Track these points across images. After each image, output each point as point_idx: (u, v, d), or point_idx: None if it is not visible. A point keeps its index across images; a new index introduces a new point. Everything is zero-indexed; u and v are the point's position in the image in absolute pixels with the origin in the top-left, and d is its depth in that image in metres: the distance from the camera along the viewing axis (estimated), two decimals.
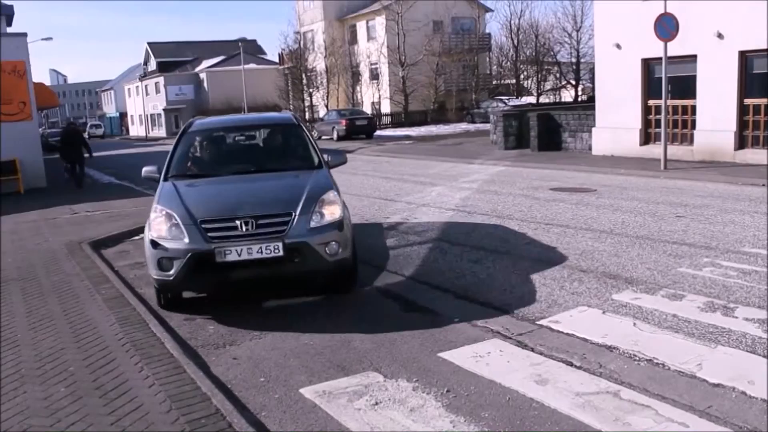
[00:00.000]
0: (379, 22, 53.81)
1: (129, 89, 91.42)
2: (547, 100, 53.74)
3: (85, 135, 26.40)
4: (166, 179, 7.65)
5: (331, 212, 6.83)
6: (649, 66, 19.71)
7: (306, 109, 56.19)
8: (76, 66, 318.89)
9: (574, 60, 53.88)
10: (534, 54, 56.54)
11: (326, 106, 53.44)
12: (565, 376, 4.96)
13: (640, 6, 18.91)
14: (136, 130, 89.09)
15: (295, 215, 6.61)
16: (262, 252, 6.42)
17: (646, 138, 20.18)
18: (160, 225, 6.68)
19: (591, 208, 12.06)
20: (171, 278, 6.54)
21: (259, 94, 60.54)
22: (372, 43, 54.79)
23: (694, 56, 18.21)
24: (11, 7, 25.03)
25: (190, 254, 6.38)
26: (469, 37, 55.29)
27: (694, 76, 18.41)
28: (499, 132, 25.93)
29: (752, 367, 4.97)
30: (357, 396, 4.81)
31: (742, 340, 5.49)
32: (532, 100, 52.71)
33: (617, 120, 20.70)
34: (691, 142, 18.86)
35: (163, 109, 76.02)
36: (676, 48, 17.24)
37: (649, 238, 9.33)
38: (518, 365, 5.21)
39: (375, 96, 54.36)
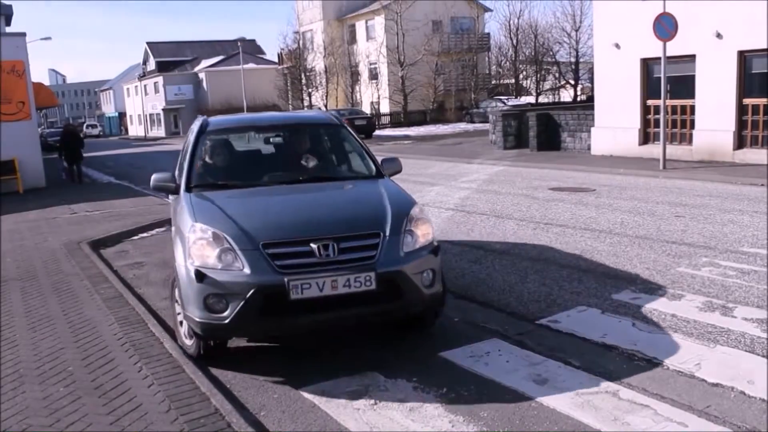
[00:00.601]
0: (378, 22, 53.85)
1: (128, 89, 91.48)
2: (546, 100, 53.83)
3: (82, 135, 27.24)
4: (189, 189, 6.16)
5: (424, 233, 5.51)
6: (648, 66, 19.71)
7: (305, 108, 56.20)
8: (75, 66, 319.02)
9: (573, 60, 53.96)
10: (533, 54, 56.62)
11: (325, 106, 53.46)
12: (565, 375, 4.96)
13: (639, 6, 18.91)
14: (135, 129, 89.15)
15: (384, 236, 5.22)
16: (350, 285, 4.92)
17: (645, 138, 20.19)
18: (206, 250, 5.09)
19: (590, 208, 12.06)
20: (225, 322, 4.93)
21: (258, 94, 60.58)
22: (371, 43, 54.81)
23: (693, 56, 18.22)
24: (10, 6, 25.03)
25: (254, 289, 4.83)
26: (468, 36, 55.35)
27: (693, 76, 18.42)
28: (498, 132, 25.93)
29: (751, 366, 4.97)
30: (356, 396, 4.81)
31: (741, 340, 5.49)
32: (531, 99, 52.75)
33: (616, 120, 20.71)
34: (690, 141, 18.87)
35: (162, 109, 76.10)
36: (675, 48, 17.26)
37: (648, 238, 9.33)
38: (517, 365, 5.22)
39: (374, 96, 54.39)
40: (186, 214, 5.58)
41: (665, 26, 16.69)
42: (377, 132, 42.21)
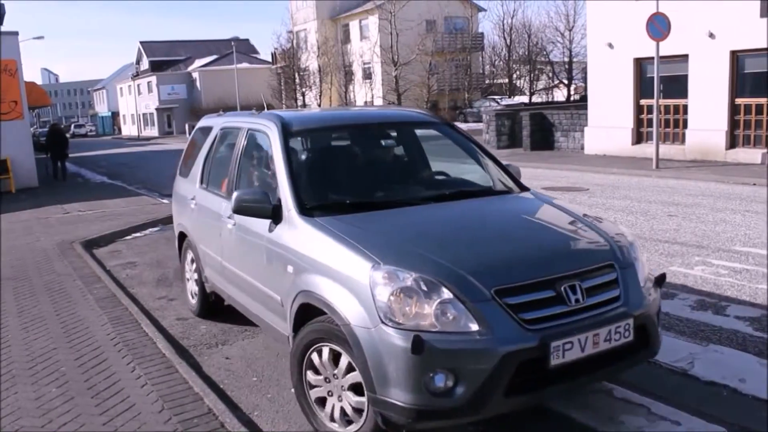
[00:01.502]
0: (372, 22, 53.87)
1: (121, 88, 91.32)
2: (539, 100, 53.93)
3: (69, 134, 28.57)
4: (307, 213, 4.48)
5: (644, 261, 4.39)
6: (641, 65, 19.78)
7: (299, 108, 56.17)
8: (68, 65, 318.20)
9: (566, 59, 54.09)
10: (527, 53, 56.71)
11: (319, 106, 53.44)
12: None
13: (633, 6, 18.97)
14: (128, 129, 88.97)
15: (618, 268, 4.06)
16: (610, 339, 3.78)
17: (638, 137, 20.25)
18: (417, 305, 3.58)
19: (583, 207, 11.99)
20: (455, 406, 3.52)
21: (252, 94, 60.44)
22: (365, 43, 54.82)
23: (686, 56, 18.28)
24: (2, 6, 24.87)
25: (502, 358, 3.47)
26: (461, 36, 55.42)
27: (686, 76, 18.49)
28: (491, 131, 25.97)
29: (743, 365, 5.00)
30: None
31: (733, 338, 5.51)
32: (524, 99, 52.87)
33: (609, 119, 20.77)
34: (683, 141, 18.94)
35: (156, 109, 75.98)
36: (668, 47, 17.32)
37: (641, 237, 9.35)
38: None
39: (368, 95, 54.39)
40: (342, 249, 3.97)
41: (658, 26, 16.76)
42: None
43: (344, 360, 3.90)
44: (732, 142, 17.80)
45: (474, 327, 3.52)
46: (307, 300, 4.12)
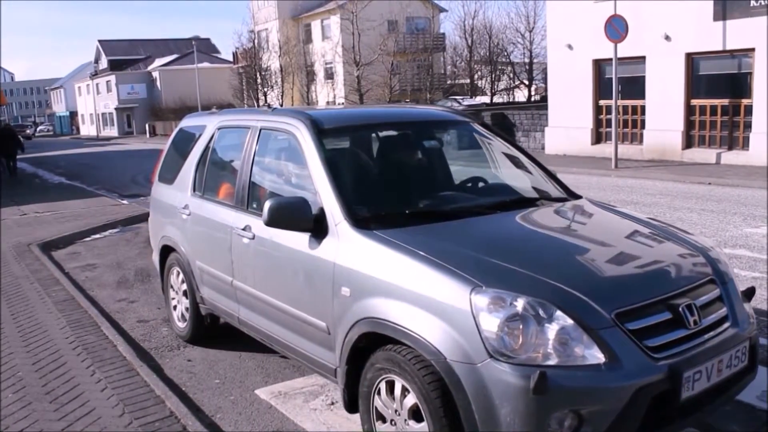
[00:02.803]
0: (334, 22, 53.81)
1: (80, 87, 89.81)
2: (501, 100, 54.46)
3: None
4: (362, 225, 3.82)
5: (735, 276, 3.89)
6: (600, 66, 20.10)
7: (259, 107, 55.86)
8: (25, 63, 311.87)
9: (527, 60, 54.72)
10: (488, 54, 57.17)
11: (281, 106, 53.19)
12: None
13: (591, 7, 19.27)
14: (87, 129, 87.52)
15: (719, 284, 3.63)
16: (731, 365, 3.39)
17: (598, 137, 20.58)
18: (535, 333, 3.01)
19: None
20: None
21: (213, 93, 59.99)
22: (327, 43, 54.74)
23: (643, 57, 18.64)
24: None
25: (635, 392, 2.98)
26: (423, 36, 55.61)
27: (644, 77, 18.85)
28: None
29: None
30: (313, 396, 4.80)
31: None
32: (486, 99, 53.32)
33: (569, 119, 21.06)
34: (641, 141, 19.30)
35: (115, 108, 74.97)
36: (625, 49, 17.64)
37: None
38: None
39: (330, 95, 54.33)
40: (424, 268, 3.34)
41: (616, 28, 17.05)
42: None
43: (410, 399, 3.35)
44: (688, 142, 18.19)
45: (601, 359, 2.98)
46: (374, 329, 3.49)
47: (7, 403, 4.76)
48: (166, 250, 6.22)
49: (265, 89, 55.89)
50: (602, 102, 20.20)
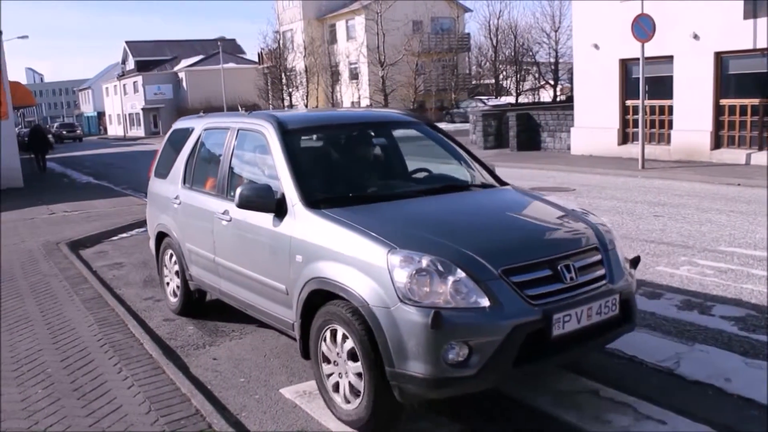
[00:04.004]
0: (359, 22, 53.88)
1: (107, 88, 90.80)
2: (526, 100, 54.12)
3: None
4: (314, 206, 4.70)
5: (620, 246, 4.83)
6: (626, 66, 19.89)
7: (285, 108, 56.06)
8: (54, 65, 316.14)
9: (552, 60, 54.34)
10: (513, 54, 56.89)
11: (306, 106, 53.35)
12: (546, 374, 4.99)
13: (618, 7, 19.08)
14: (114, 129, 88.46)
15: (602, 251, 4.51)
16: (601, 312, 4.19)
17: (624, 138, 20.37)
18: (435, 283, 3.86)
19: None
20: (470, 374, 3.81)
21: (238, 94, 60.30)
22: (351, 43, 54.81)
23: (671, 57, 18.41)
24: None
25: (511, 330, 3.80)
26: (448, 37, 55.54)
27: (671, 77, 18.61)
28: (478, 132, 26.04)
29: (729, 364, 5.03)
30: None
31: (718, 338, 5.55)
32: (511, 100, 53.00)
33: (595, 120, 20.87)
34: (669, 141, 19.07)
35: (142, 109, 75.64)
36: (653, 49, 17.44)
37: (627, 237, 9.41)
38: None
39: (354, 96, 54.40)
40: (356, 236, 4.22)
41: (643, 27, 16.86)
42: None
43: (349, 343, 4.19)
44: (717, 143, 17.93)
45: (486, 303, 3.83)
46: (320, 286, 4.35)
47: (37, 398, 4.81)
48: (161, 236, 7.09)
49: (290, 89, 56.12)
50: (629, 102, 20.00)
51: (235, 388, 5.06)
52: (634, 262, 4.78)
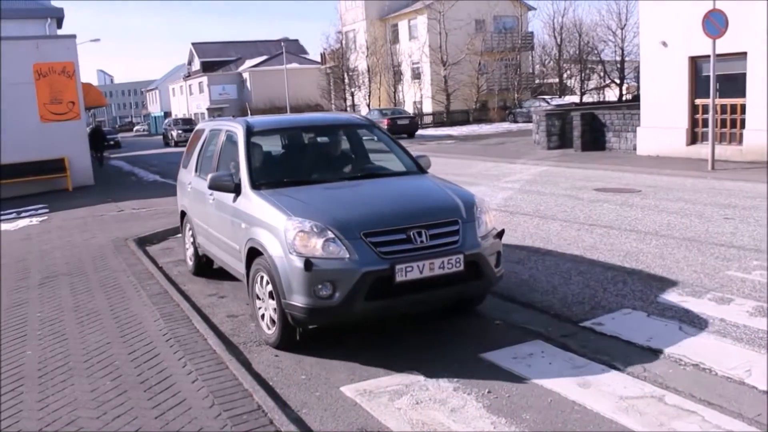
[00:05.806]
0: (421, 22, 53.81)
1: (173, 89, 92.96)
2: (590, 100, 53.17)
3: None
4: (256, 187, 6.36)
5: (490, 219, 6.10)
6: (696, 64, 19.32)
7: (348, 108, 56.42)
8: (123, 66, 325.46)
9: (618, 58, 53.14)
10: (577, 52, 55.92)
11: (368, 106, 53.59)
12: (609, 379, 4.89)
13: (688, 2, 18.54)
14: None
15: (461, 222, 5.75)
16: (444, 267, 5.45)
17: (693, 138, 19.79)
18: (311, 240, 5.36)
19: (635, 209, 11.87)
20: (333, 305, 5.27)
21: (301, 94, 61.02)
22: (414, 43, 54.77)
23: (744, 53, 17.79)
24: (61, 10, 25.60)
25: (362, 274, 5.22)
26: (511, 35, 55.00)
27: (744, 74, 17.99)
28: (541, 132, 25.69)
29: None
30: (398, 395, 4.81)
31: None
32: (575, 99, 52.14)
33: (663, 119, 20.34)
34: (741, 141, 18.43)
35: (207, 109, 77.09)
36: (724, 45, 16.88)
37: (695, 240, 9.15)
38: (560, 367, 5.15)
39: (417, 95, 54.36)
40: (272, 209, 5.84)
41: (715, 23, 16.34)
42: (420, 132, 42.15)
43: (269, 286, 5.74)
44: None
45: (346, 255, 5.32)
46: (253, 245, 5.97)
47: (105, 390, 4.96)
48: (183, 214, 9.12)
49: (353, 89, 56.43)
50: (698, 101, 19.42)
51: (296, 385, 5.12)
52: (500, 234, 6.10)
